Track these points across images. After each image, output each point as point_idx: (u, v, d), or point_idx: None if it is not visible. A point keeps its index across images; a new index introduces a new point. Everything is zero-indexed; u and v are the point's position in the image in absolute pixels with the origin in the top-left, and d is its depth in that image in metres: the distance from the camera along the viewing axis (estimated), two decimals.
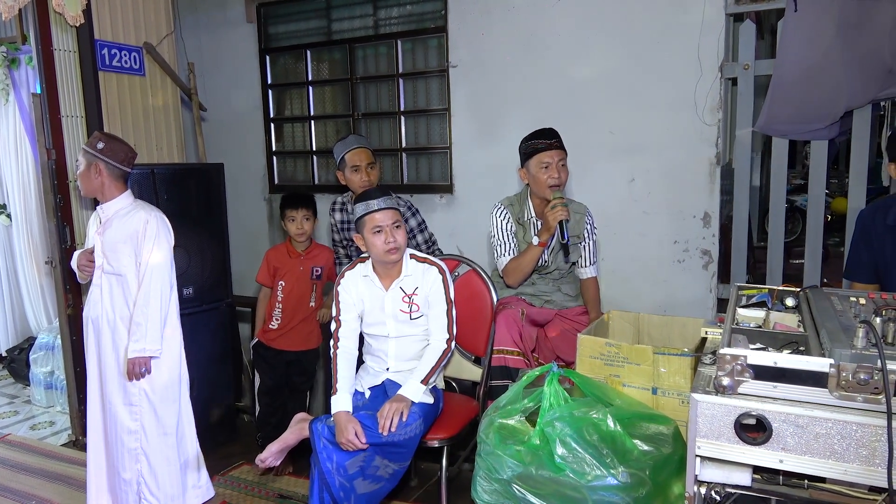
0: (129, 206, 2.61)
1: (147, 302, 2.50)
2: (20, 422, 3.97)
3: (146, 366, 2.52)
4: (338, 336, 2.45)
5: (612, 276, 3.41)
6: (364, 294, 2.46)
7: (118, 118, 3.46)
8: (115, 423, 2.59)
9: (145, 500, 2.62)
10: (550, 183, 2.61)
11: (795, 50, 2.89)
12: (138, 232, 2.53)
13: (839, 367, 1.27)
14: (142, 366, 2.51)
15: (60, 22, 3.18)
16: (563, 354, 2.66)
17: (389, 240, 2.33)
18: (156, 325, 2.51)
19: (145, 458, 2.60)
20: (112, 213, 2.59)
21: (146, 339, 2.49)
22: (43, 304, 4.70)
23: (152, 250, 2.52)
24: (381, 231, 2.33)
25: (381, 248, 2.34)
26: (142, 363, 2.51)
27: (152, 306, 2.50)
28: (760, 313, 1.68)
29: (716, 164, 3.17)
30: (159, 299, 2.52)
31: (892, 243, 2.21)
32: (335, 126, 4.29)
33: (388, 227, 2.33)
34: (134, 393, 2.56)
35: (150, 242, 2.52)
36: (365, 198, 2.38)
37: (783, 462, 1.31)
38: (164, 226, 2.60)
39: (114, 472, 2.63)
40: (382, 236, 2.33)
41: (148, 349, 2.50)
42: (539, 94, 3.51)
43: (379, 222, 2.33)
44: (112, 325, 2.57)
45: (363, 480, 2.23)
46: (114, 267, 2.56)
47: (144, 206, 2.64)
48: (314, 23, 4.22)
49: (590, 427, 1.87)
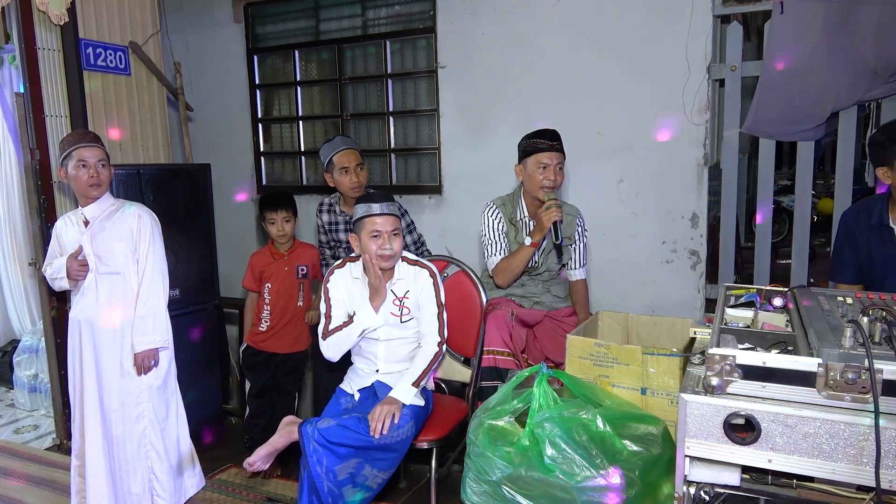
0: (114, 204, 2.61)
1: (151, 295, 2.55)
2: (3, 426, 3.91)
3: (155, 358, 2.57)
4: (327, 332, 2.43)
5: (601, 276, 3.42)
6: (355, 295, 2.44)
7: (103, 118, 3.42)
8: (121, 425, 2.57)
9: (158, 496, 2.62)
10: (545, 184, 2.61)
11: (782, 52, 2.91)
12: (133, 229, 2.54)
13: (827, 367, 1.27)
14: (151, 358, 2.55)
15: (44, 20, 3.14)
16: (553, 355, 2.66)
17: (385, 246, 2.32)
18: (162, 317, 2.58)
19: (155, 452, 2.61)
20: (99, 212, 2.56)
21: (154, 331, 2.54)
22: (27, 305, 4.64)
23: (150, 244, 2.56)
24: (378, 236, 2.32)
25: (375, 251, 2.32)
26: (151, 356, 2.55)
27: (157, 298, 2.56)
28: (749, 313, 1.69)
29: (703, 165, 3.18)
30: (162, 291, 2.59)
31: (878, 243, 2.22)
32: (323, 127, 4.27)
33: (387, 233, 2.32)
34: (134, 391, 2.57)
35: (146, 237, 2.56)
36: (368, 199, 2.36)
37: (772, 462, 1.32)
38: (155, 219, 2.64)
39: (120, 487, 2.60)
40: (379, 241, 2.32)
41: (158, 340, 2.55)
42: (528, 96, 3.51)
43: (378, 227, 2.31)
44: (112, 325, 2.54)
45: (352, 488, 2.22)
46: (110, 266, 2.54)
47: (127, 202, 2.64)
48: (302, 23, 4.20)
49: (579, 428, 1.87)
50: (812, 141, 3.08)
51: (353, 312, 2.43)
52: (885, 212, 2.20)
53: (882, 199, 2.24)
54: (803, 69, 2.89)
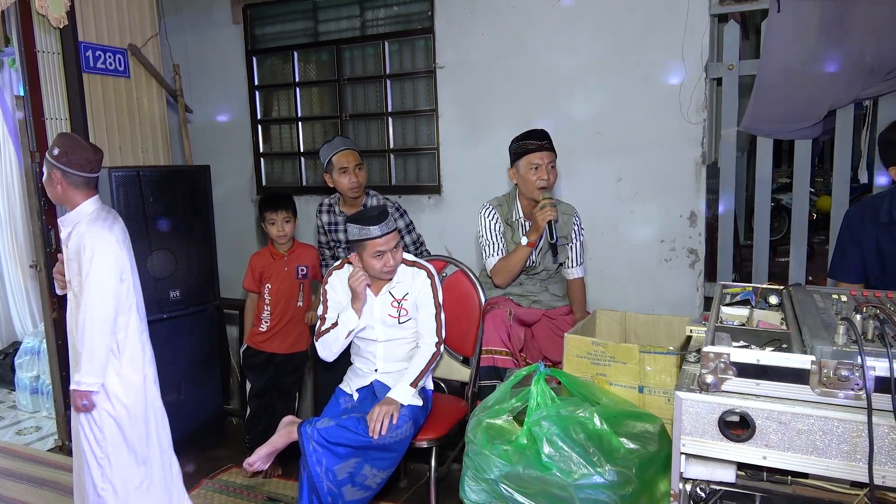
0: (88, 216, 2.31)
1: (85, 328, 2.21)
2: (6, 427, 3.93)
3: (87, 399, 2.23)
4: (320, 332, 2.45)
5: (600, 275, 3.42)
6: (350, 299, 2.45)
7: (103, 120, 3.44)
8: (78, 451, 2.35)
9: None
10: (539, 185, 2.62)
11: (779, 50, 2.92)
12: (79, 249, 2.24)
13: (820, 364, 1.28)
14: (82, 398, 2.23)
15: (44, 24, 3.15)
16: (551, 354, 2.67)
17: (390, 263, 2.34)
18: (94, 356, 2.21)
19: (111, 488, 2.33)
20: (71, 224, 2.32)
21: (82, 371, 2.21)
22: (28, 308, 4.66)
23: (90, 263, 2.21)
24: (381, 256, 2.33)
25: (380, 269, 2.34)
26: (81, 396, 2.22)
27: (89, 334, 2.20)
28: (744, 311, 1.70)
29: (702, 163, 3.19)
30: (99, 326, 2.21)
31: (888, 240, 2.18)
32: (323, 127, 4.28)
33: (390, 251, 2.34)
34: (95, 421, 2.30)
35: (87, 255, 2.21)
36: (364, 222, 2.31)
37: (766, 458, 1.33)
38: (107, 241, 2.26)
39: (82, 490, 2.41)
40: (384, 259, 2.33)
41: (84, 383, 2.21)
42: (526, 95, 3.51)
43: (381, 247, 2.32)
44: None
45: (352, 487, 2.23)
46: (72, 285, 2.31)
47: (100, 216, 2.32)
48: (301, 24, 4.21)
49: (576, 426, 1.88)
50: (809, 139, 3.09)
51: (339, 313, 2.45)
52: (894, 209, 2.18)
53: (889, 195, 2.21)
54: (800, 67, 2.89)
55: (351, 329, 2.40)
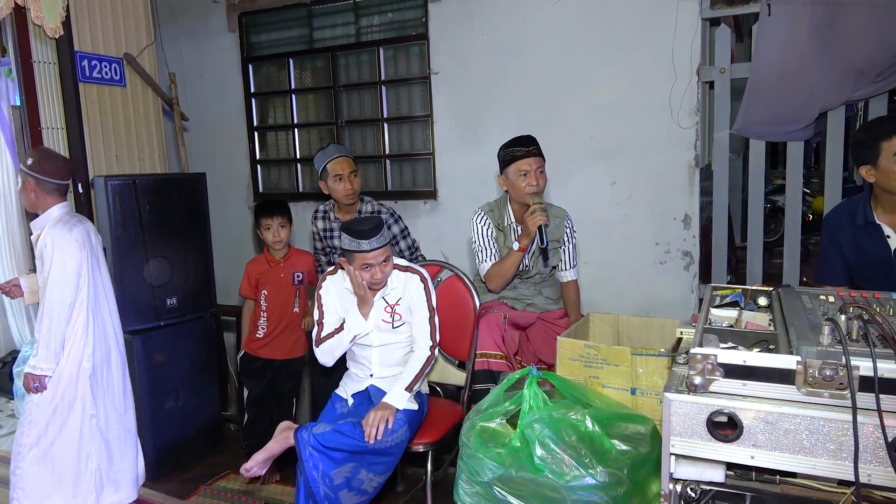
0: (53, 220, 2.56)
1: (43, 318, 2.49)
2: (4, 436, 3.93)
3: (39, 382, 2.52)
4: (320, 339, 2.46)
5: (595, 278, 3.44)
6: (346, 301, 2.47)
7: (99, 129, 3.45)
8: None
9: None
10: (529, 190, 2.63)
11: (770, 54, 2.94)
12: (43, 248, 2.51)
13: (806, 364, 1.29)
14: (34, 381, 2.52)
15: (39, 34, 3.17)
16: (545, 357, 2.68)
17: (377, 276, 2.36)
18: (49, 345, 2.50)
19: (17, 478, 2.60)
20: (40, 228, 2.57)
21: (38, 356, 2.50)
22: (26, 316, 4.67)
23: (50, 263, 2.48)
24: (369, 268, 2.35)
25: (368, 280, 2.37)
26: (33, 379, 2.52)
27: (46, 324, 2.49)
28: (733, 313, 1.71)
29: (695, 166, 3.21)
30: (55, 317, 2.49)
31: (867, 241, 2.22)
32: (318, 134, 4.30)
33: (378, 265, 2.35)
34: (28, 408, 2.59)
35: (48, 258, 2.49)
36: (355, 235, 2.32)
37: (754, 458, 1.34)
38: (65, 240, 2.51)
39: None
40: (371, 271, 2.35)
41: (38, 367, 2.50)
42: (520, 100, 3.54)
43: (370, 260, 2.33)
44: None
45: (348, 492, 2.24)
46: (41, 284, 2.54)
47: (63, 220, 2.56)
48: (296, 31, 4.23)
49: (568, 428, 1.89)
50: (802, 141, 3.10)
51: (344, 318, 2.46)
52: (869, 210, 2.21)
53: (864, 199, 2.25)
54: (791, 70, 2.91)
55: (356, 334, 2.42)
